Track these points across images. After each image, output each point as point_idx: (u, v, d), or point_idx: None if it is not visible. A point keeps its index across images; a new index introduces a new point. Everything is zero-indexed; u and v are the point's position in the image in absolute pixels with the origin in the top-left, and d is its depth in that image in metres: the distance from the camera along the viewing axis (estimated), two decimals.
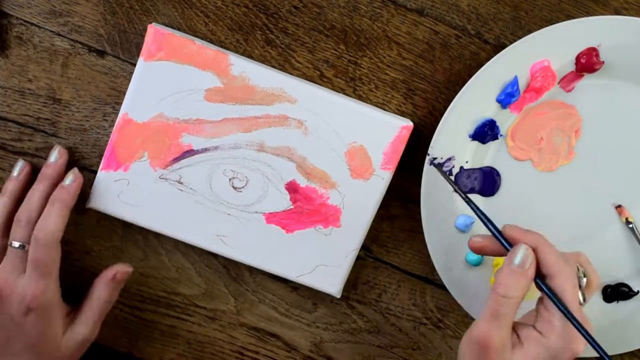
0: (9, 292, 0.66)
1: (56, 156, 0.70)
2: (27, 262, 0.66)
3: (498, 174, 0.73)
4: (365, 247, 0.76)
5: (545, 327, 0.58)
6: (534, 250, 0.59)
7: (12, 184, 0.70)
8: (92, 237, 0.74)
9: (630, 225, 0.74)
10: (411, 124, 0.70)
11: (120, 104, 0.69)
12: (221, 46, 0.71)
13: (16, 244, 0.66)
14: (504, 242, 0.61)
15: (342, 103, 0.69)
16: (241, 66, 0.68)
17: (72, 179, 0.69)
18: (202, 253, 0.75)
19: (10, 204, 0.70)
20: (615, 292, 0.76)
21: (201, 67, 0.67)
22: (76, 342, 0.69)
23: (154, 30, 0.67)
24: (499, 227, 0.62)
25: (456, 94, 0.69)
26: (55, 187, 0.68)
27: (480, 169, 0.73)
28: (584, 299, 0.60)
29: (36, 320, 0.66)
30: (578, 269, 0.61)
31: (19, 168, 0.71)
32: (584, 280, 0.62)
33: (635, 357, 0.80)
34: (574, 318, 0.56)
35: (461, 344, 0.61)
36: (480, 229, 0.74)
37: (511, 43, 0.68)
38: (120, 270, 0.71)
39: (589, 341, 0.57)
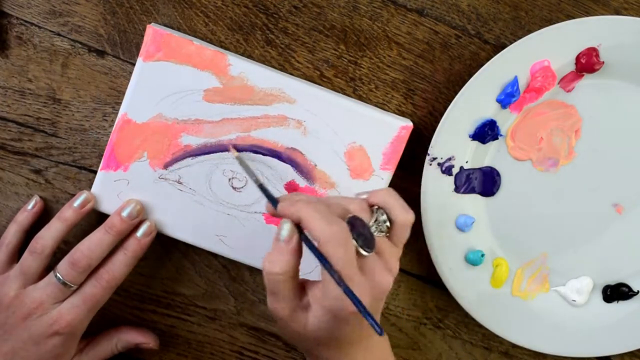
0: (40, 314, 0.66)
1: (130, 212, 0.69)
2: (66, 295, 0.67)
3: (498, 174, 0.73)
4: None
5: (324, 289, 0.58)
6: (300, 221, 0.58)
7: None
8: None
9: None
10: (410, 124, 0.70)
11: (120, 104, 0.69)
12: (221, 46, 0.71)
13: (62, 278, 0.66)
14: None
15: (341, 103, 0.69)
16: (240, 66, 0.68)
17: (147, 232, 0.70)
18: (202, 253, 0.75)
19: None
20: (615, 292, 0.76)
21: (200, 67, 0.67)
22: None
23: (152, 31, 0.66)
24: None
25: (456, 94, 0.69)
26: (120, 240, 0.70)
27: (480, 169, 0.73)
28: (364, 247, 0.58)
29: (58, 345, 0.67)
30: (375, 212, 0.61)
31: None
32: (384, 222, 0.62)
33: (635, 357, 0.80)
34: (343, 285, 0.56)
35: None
36: (480, 228, 0.74)
37: (511, 43, 0.68)
38: (150, 345, 0.74)
39: (356, 304, 0.56)
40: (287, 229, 0.59)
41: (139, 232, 0.69)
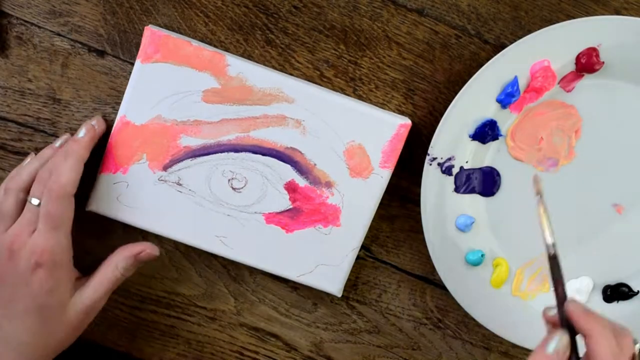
0: (19, 247, 0.64)
1: (84, 133, 0.69)
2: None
3: (498, 174, 0.73)
4: (365, 247, 0.76)
5: None
6: (587, 336, 0.55)
7: (49, 152, 0.69)
8: (92, 237, 0.74)
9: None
10: (409, 122, 0.70)
11: (120, 104, 0.69)
12: (221, 46, 0.71)
13: (35, 201, 0.65)
14: (560, 311, 0.59)
15: (339, 102, 0.69)
16: (238, 67, 0.68)
17: (85, 131, 0.68)
18: (202, 253, 0.75)
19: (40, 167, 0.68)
20: (615, 292, 0.76)
21: (198, 68, 0.67)
22: (84, 306, 0.68)
23: (150, 32, 0.67)
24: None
25: (456, 94, 0.69)
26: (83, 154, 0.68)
27: (480, 169, 0.73)
28: None
29: (44, 277, 0.64)
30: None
31: (62, 140, 0.70)
32: None
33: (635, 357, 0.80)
34: None
35: None
36: (480, 228, 0.74)
37: (511, 43, 0.68)
38: (147, 251, 0.70)
39: None
40: (563, 344, 0.56)
41: (79, 134, 0.68)
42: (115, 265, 0.69)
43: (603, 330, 0.55)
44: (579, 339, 0.56)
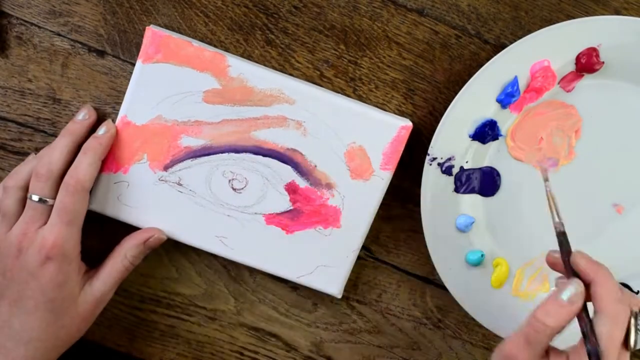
0: (28, 245, 0.65)
1: (84, 115, 0.69)
2: (47, 215, 0.66)
3: (498, 174, 0.73)
4: (365, 248, 0.76)
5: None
6: (592, 282, 0.57)
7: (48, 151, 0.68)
8: (92, 237, 0.74)
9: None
10: (410, 123, 0.70)
11: (120, 104, 0.69)
12: (221, 46, 0.71)
13: (35, 197, 0.65)
14: (568, 268, 0.60)
15: (340, 103, 0.69)
16: (239, 67, 0.68)
17: (106, 129, 0.68)
18: (202, 253, 0.75)
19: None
20: None
21: (199, 68, 0.67)
22: (94, 298, 0.68)
23: (151, 33, 0.67)
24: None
25: (456, 94, 0.69)
26: (78, 145, 0.68)
27: (480, 169, 0.73)
28: (635, 343, 0.57)
29: (54, 271, 0.65)
30: (633, 313, 0.58)
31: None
32: None
33: (635, 358, 0.80)
34: None
35: (493, 356, 0.60)
36: (480, 228, 0.74)
37: (511, 43, 0.68)
38: (155, 235, 0.70)
39: None
40: (575, 291, 0.57)
41: (99, 131, 0.68)
42: (124, 255, 0.70)
43: (607, 275, 0.57)
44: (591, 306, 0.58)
